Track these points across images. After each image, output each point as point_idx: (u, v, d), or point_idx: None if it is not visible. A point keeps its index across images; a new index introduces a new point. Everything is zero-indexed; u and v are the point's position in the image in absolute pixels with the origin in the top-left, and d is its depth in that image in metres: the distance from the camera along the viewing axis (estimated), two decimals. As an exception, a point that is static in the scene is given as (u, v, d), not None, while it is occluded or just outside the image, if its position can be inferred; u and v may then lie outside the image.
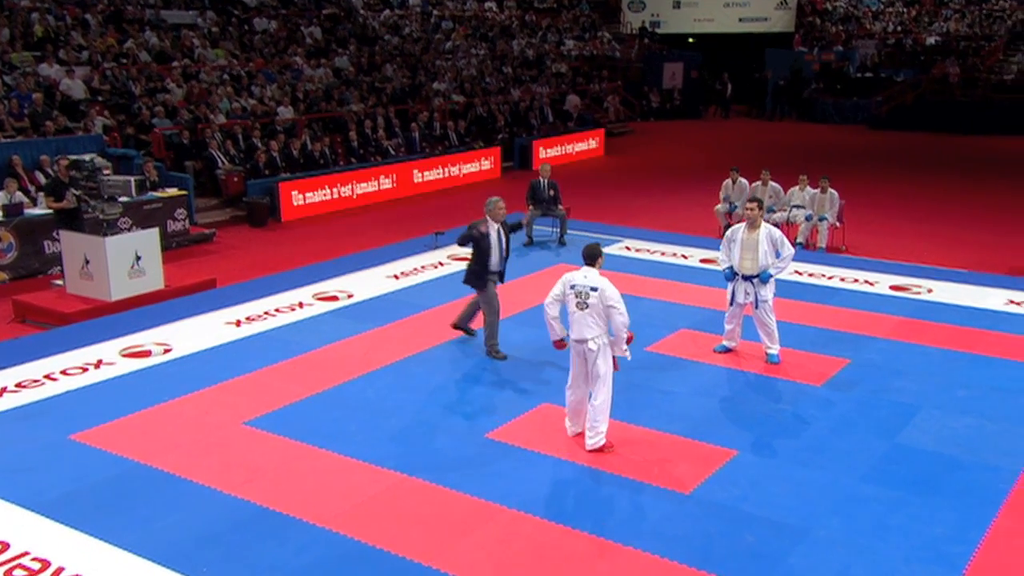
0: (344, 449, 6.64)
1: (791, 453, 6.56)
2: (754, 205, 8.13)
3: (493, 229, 8.35)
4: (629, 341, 6.53)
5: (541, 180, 12.73)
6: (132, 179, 10.59)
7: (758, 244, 8.08)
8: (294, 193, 15.99)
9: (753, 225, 8.14)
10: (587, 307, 6.46)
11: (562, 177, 20.18)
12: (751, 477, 6.21)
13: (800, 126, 30.20)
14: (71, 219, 11.09)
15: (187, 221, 14.21)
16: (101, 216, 10.56)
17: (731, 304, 8.32)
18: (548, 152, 21.84)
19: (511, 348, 8.69)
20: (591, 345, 6.45)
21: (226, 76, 20.13)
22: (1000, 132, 26.82)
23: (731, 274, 8.25)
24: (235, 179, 16.05)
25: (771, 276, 8.13)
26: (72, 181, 10.80)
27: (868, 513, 5.74)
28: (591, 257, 6.74)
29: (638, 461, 6.47)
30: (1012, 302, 10.02)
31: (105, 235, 10.47)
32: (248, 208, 15.58)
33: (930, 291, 10.44)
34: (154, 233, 11.12)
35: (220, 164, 16.27)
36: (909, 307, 9.85)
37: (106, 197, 10.69)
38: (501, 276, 8.60)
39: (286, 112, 18.96)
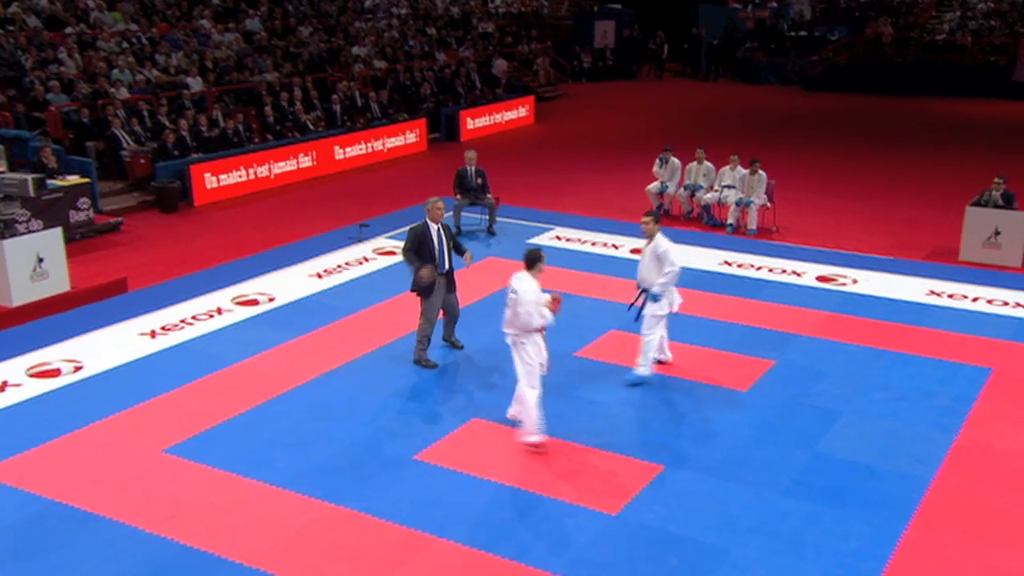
0: (268, 477, 6.81)
1: (715, 466, 7.01)
2: (649, 219, 8.18)
3: (432, 229, 8.52)
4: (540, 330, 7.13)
5: (468, 168, 12.87)
6: (29, 178, 10.39)
7: (645, 258, 8.17)
8: (207, 175, 15.77)
9: (648, 237, 8.18)
10: (508, 306, 7.12)
11: (492, 149, 20.39)
12: (676, 494, 6.63)
13: (735, 87, 30.82)
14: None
15: (91, 210, 13.92)
16: (-3, 216, 10.35)
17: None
18: (476, 123, 21.91)
19: (440, 356, 8.93)
20: (508, 340, 7.21)
21: (126, 44, 19.55)
22: (932, 93, 27.88)
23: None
24: (142, 161, 15.73)
25: (657, 295, 8.05)
26: (-35, 180, 10.54)
27: (786, 529, 6.22)
28: (527, 262, 7.29)
29: (568, 480, 6.82)
30: (932, 292, 10.69)
31: (3, 237, 10.26)
32: (157, 193, 15.33)
33: (855, 282, 11.04)
34: (57, 233, 10.93)
35: (125, 145, 15.91)
36: (834, 300, 10.43)
37: (1, 196, 10.47)
38: (449, 281, 8.73)
39: (195, 84, 18.56)
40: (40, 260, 10.56)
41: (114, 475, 6.82)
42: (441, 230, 8.62)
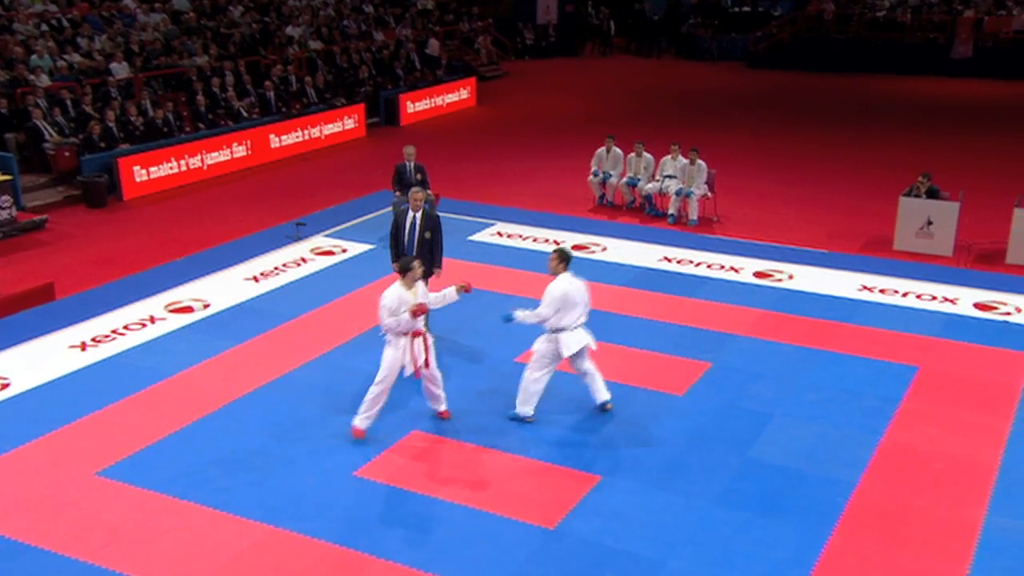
0: (205, 499, 6.92)
1: (651, 475, 7.31)
2: (554, 256, 7.91)
3: (408, 217, 9.37)
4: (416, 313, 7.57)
5: (407, 164, 12.91)
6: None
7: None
8: (136, 168, 15.56)
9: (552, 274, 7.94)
10: None
11: (432, 134, 20.40)
12: (612, 505, 6.92)
13: (679, 65, 31.18)
14: None
15: (13, 208, 13.67)
16: (-87, 223, 10.15)
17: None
18: (416, 106, 21.87)
19: (379, 360, 9.05)
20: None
21: (45, 27, 19.02)
22: (872, 71, 28.54)
23: None
24: (66, 154, 15.44)
25: (509, 317, 7.96)
26: None
27: (717, 539, 6.55)
28: (399, 271, 7.75)
29: (507, 493, 7.06)
30: (864, 287, 11.14)
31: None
32: (84, 188, 15.07)
33: (791, 277, 11.45)
34: (-23, 239, 10.76)
35: (47, 136, 15.58)
36: (770, 298, 10.81)
37: (-83, 201, 10.26)
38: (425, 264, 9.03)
39: (120, 69, 18.19)
40: (-40, 268, 10.41)
41: (46, 501, 6.85)
42: (417, 218, 9.31)
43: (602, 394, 8.20)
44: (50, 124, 15.75)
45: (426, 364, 7.74)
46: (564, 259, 7.89)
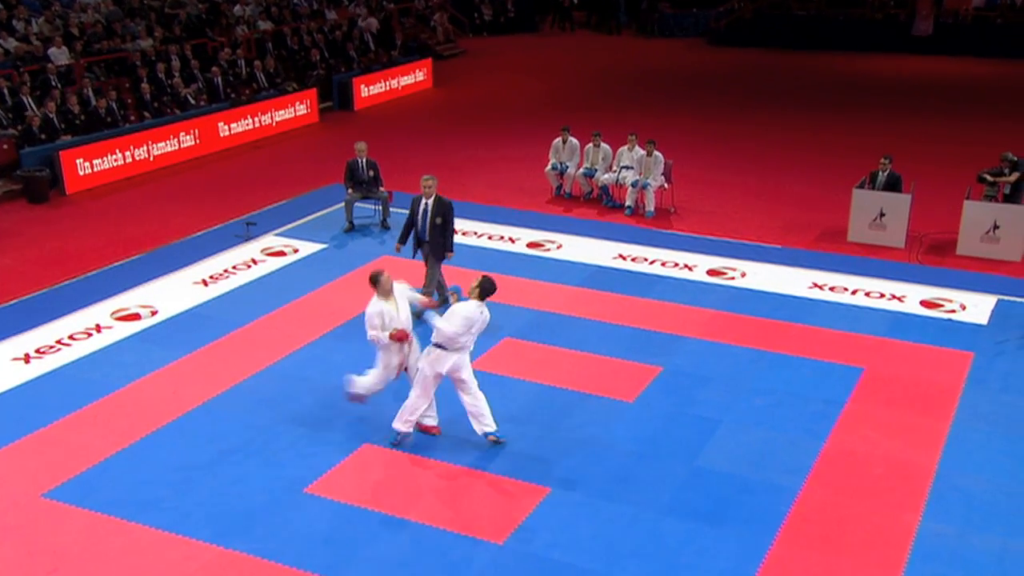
0: (155, 520, 7.07)
1: (599, 486, 7.59)
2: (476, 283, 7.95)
3: (422, 204, 10.22)
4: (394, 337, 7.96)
5: (359, 160, 13.01)
6: None
7: None
8: (79, 161, 15.44)
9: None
10: None
11: (387, 120, 20.42)
12: (561, 518, 7.19)
13: (639, 42, 31.34)
14: None
15: (-50, 206, 13.55)
16: None
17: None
18: (371, 90, 21.82)
19: (331, 368, 9.24)
20: None
21: (-21, 10, 18.68)
22: (834, 48, 28.92)
23: None
24: (4, 147, 15.28)
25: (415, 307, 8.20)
26: None
27: (663, 550, 6.85)
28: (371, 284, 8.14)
29: (457, 507, 7.30)
30: (815, 285, 11.50)
31: None
32: (24, 182, 14.94)
33: (743, 275, 11.77)
34: (-87, 245, 10.70)
35: (-16, 128, 15.39)
36: (722, 297, 11.12)
37: None
38: (433, 251, 10.28)
39: (59, 55, 17.96)
40: None
41: (-8, 526, 6.96)
42: (429, 204, 10.14)
43: (488, 423, 8.07)
44: (-13, 115, 15.56)
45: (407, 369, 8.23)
46: (485, 290, 7.93)
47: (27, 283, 11.49)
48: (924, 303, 11.02)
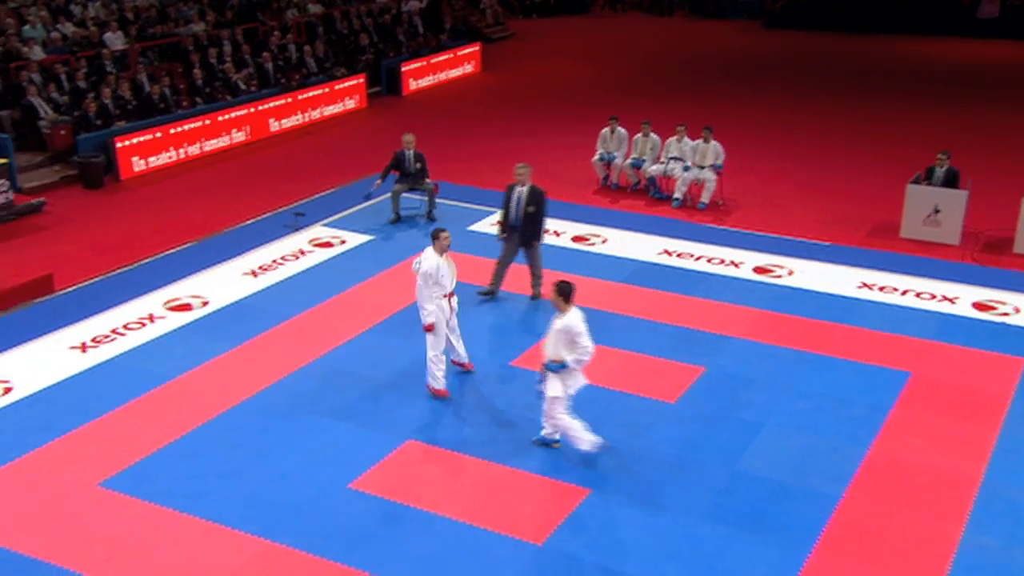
0: (204, 511, 7.36)
1: (639, 489, 7.71)
2: (554, 294, 7.78)
3: (515, 191, 10.68)
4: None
5: (406, 152, 13.18)
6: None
7: (552, 332, 7.85)
8: (132, 148, 15.84)
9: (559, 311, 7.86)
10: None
11: (435, 107, 20.57)
12: (600, 521, 7.34)
13: (690, 24, 31.04)
14: None
15: (10, 192, 14.03)
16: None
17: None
18: (419, 77, 21.96)
19: (376, 363, 9.47)
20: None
21: (37, -5, 19.19)
22: (895, 31, 28.30)
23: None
24: (62, 132, 15.75)
25: (555, 367, 7.76)
26: None
27: (701, 556, 6.96)
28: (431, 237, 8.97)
29: (498, 507, 7.48)
30: (864, 284, 11.43)
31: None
32: (80, 168, 15.40)
33: (791, 273, 11.74)
34: (-24, 234, 11.15)
35: (42, 114, 15.87)
36: (769, 296, 11.12)
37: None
38: (522, 238, 10.73)
39: (115, 39, 18.41)
40: (-40, 262, 10.82)
41: (49, 514, 7.31)
42: (523, 193, 10.59)
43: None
44: (45, 101, 16.03)
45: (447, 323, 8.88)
46: (564, 293, 7.77)
47: (83, 270, 11.90)
48: (976, 305, 10.90)
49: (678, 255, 12.32)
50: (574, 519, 7.36)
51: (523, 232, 10.73)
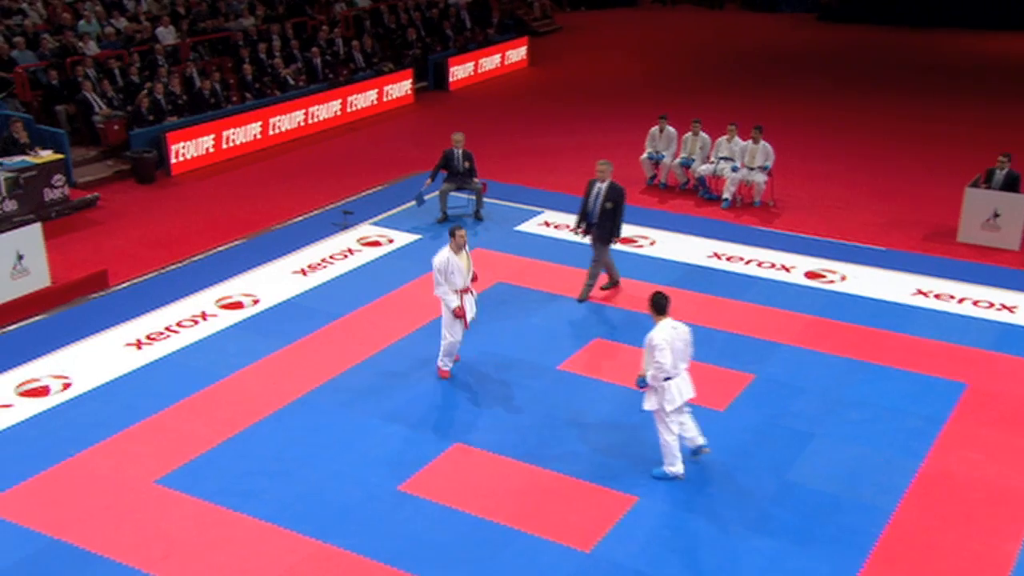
0: (257, 510, 7.57)
1: (687, 498, 7.77)
2: (651, 311, 7.91)
3: (595, 187, 10.90)
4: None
5: (455, 151, 13.31)
6: (2, 177, 10.86)
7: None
8: (183, 143, 16.19)
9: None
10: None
11: (482, 102, 20.69)
12: (648, 529, 7.41)
13: (744, 17, 30.77)
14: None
15: (66, 187, 14.41)
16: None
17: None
18: (466, 70, 22.11)
19: (424, 365, 9.63)
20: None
21: (93, -10, 19.63)
22: (959, 26, 27.70)
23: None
24: (115, 127, 16.13)
25: (644, 381, 7.84)
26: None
27: (749, 568, 7.00)
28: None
29: (544, 513, 7.59)
30: (919, 291, 11.32)
31: (-19, 236, 10.85)
32: (133, 163, 15.77)
33: (843, 278, 11.67)
34: (36, 229, 11.54)
35: (97, 109, 16.27)
36: (820, 302, 11.07)
37: (-23, 194, 11.01)
38: (598, 234, 10.86)
39: (167, 34, 18.79)
40: (20, 257, 11.17)
41: (108, 509, 7.57)
42: (602, 188, 10.79)
43: (696, 435, 8.11)
44: (99, 96, 16.43)
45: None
46: (658, 307, 7.84)
47: (136, 265, 12.23)
48: (1037, 315, 10.77)
49: (727, 258, 12.30)
50: (622, 527, 7.44)
51: (599, 228, 10.88)
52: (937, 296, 11.22)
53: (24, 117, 14.73)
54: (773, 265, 12.07)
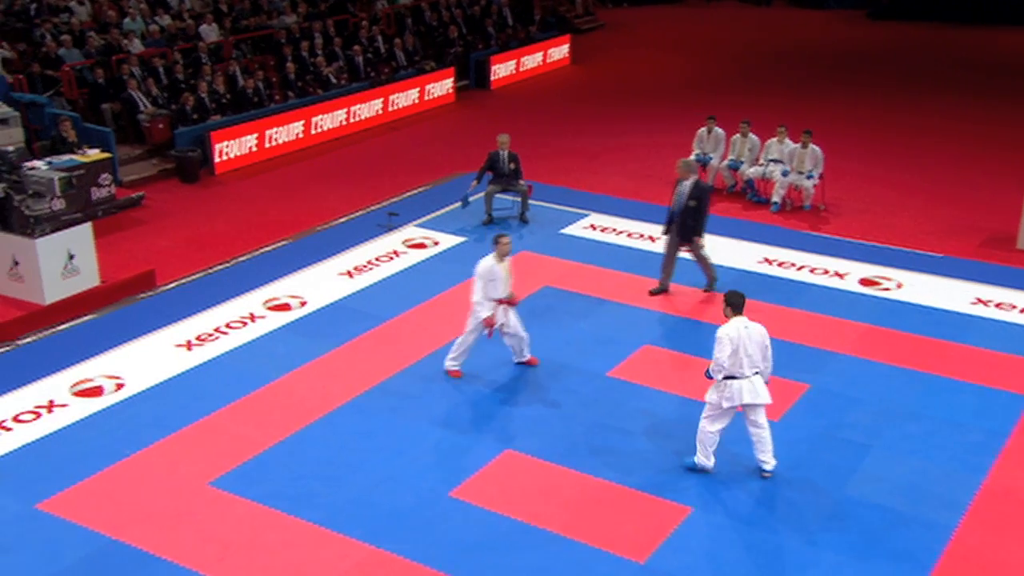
0: (309, 514, 7.71)
1: (743, 510, 7.80)
2: (724, 302, 8.11)
3: (681, 184, 11.25)
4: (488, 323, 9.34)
5: (500, 152, 13.41)
6: (56, 177, 11.13)
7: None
8: (227, 142, 16.44)
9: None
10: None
11: (525, 101, 20.78)
12: (704, 541, 7.46)
13: (791, 14, 30.55)
14: (-5, 210, 11.67)
15: (112, 186, 14.67)
16: (27, 212, 11.18)
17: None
18: (508, 68, 22.21)
19: (472, 369, 9.73)
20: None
21: (137, -13, 19.99)
22: (1018, 23, 27.19)
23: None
24: (160, 126, 16.42)
25: (709, 373, 8.04)
26: (-2, 172, 11.35)
27: (808, 583, 7.05)
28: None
29: (598, 522, 7.66)
30: (979, 300, 11.23)
31: (35, 235, 11.11)
32: (177, 161, 16.05)
33: (899, 286, 11.61)
34: (87, 228, 11.80)
35: (142, 108, 16.57)
36: (876, 310, 11.02)
37: (30, 192, 11.27)
38: (681, 231, 11.20)
39: (210, 31, 19.09)
40: (71, 257, 11.45)
41: (165, 510, 7.76)
42: (687, 186, 11.13)
43: (766, 458, 8.07)
44: (144, 94, 16.74)
45: (502, 327, 9.41)
46: (732, 303, 8.05)
47: (183, 266, 12.47)
48: (1102, 326, 10.64)
49: (779, 264, 12.29)
50: (677, 537, 7.49)
51: (682, 226, 11.13)
52: (998, 305, 11.12)
53: (71, 116, 15.06)
54: (826, 271, 12.04)
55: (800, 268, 12.14)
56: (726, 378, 7.87)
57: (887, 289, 11.56)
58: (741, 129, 15.00)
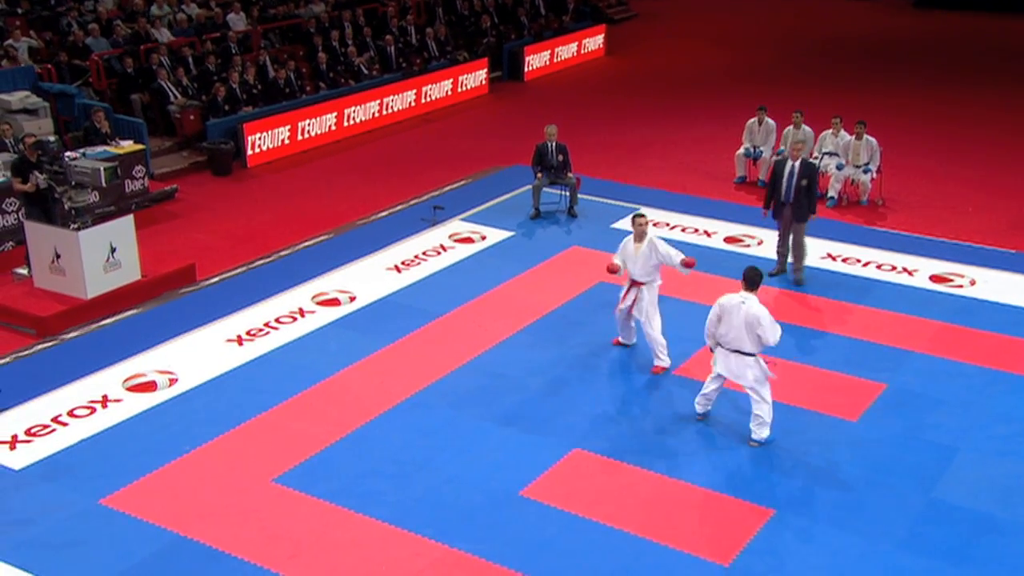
0: (378, 512, 7.74)
1: (828, 512, 7.78)
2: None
3: (787, 165, 11.48)
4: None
5: (548, 144, 13.42)
6: (102, 167, 11.19)
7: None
8: (259, 134, 16.50)
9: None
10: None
11: (559, 92, 20.80)
12: (788, 543, 7.44)
13: (832, 2, 30.44)
14: (36, 203, 11.75)
15: (145, 178, 14.81)
16: (69, 204, 11.26)
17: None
18: (542, 59, 22.24)
19: (531, 367, 9.74)
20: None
21: (164, -25, 20.08)
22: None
23: None
24: (191, 117, 16.50)
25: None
26: (39, 163, 11.42)
27: (902, 588, 7.03)
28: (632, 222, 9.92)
29: (678, 524, 7.66)
30: (1057, 298, 11.20)
31: (77, 228, 11.18)
32: (209, 154, 16.12)
33: (972, 283, 11.57)
34: (129, 221, 11.87)
35: (172, 98, 16.65)
36: (950, 307, 10.99)
37: (73, 184, 11.34)
38: (795, 212, 11.42)
39: (238, 21, 19.18)
40: (113, 250, 11.51)
41: (230, 507, 7.80)
42: (796, 167, 11.37)
43: (753, 428, 8.63)
44: (174, 84, 16.82)
45: (629, 310, 9.84)
46: (748, 281, 8.57)
47: (222, 260, 12.53)
48: None
49: (843, 260, 12.26)
50: (760, 540, 7.48)
51: (796, 206, 11.37)
52: (1078, 304, 11.09)
53: (103, 107, 15.15)
54: (894, 267, 12.00)
55: (866, 264, 12.12)
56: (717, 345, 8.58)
57: (960, 286, 11.52)
58: (794, 120, 14.90)
